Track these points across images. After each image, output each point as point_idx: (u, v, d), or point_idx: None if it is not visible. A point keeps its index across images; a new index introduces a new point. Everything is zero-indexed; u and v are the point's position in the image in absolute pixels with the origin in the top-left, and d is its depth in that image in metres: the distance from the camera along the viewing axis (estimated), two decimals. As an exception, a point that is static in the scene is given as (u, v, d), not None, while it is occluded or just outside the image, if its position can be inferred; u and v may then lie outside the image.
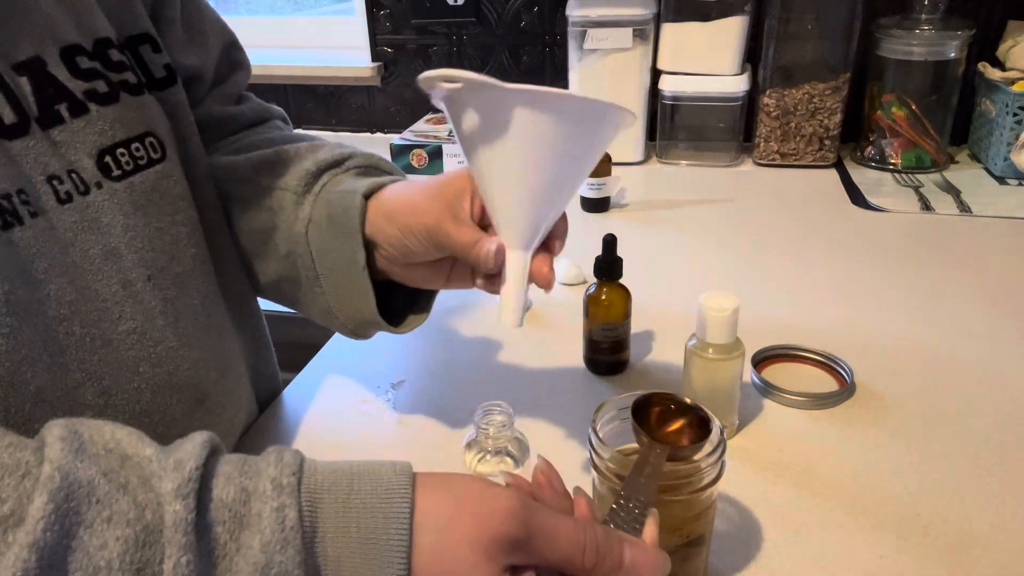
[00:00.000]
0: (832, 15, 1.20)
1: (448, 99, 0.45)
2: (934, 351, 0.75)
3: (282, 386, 0.77)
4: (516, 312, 0.49)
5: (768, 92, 1.25)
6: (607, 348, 0.73)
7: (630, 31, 1.24)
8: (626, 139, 1.31)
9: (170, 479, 0.34)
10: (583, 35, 1.26)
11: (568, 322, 0.65)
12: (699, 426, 0.47)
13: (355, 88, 1.58)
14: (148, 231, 0.54)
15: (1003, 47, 1.22)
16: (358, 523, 0.36)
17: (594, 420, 0.47)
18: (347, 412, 0.71)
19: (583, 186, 1.10)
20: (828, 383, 0.71)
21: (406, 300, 0.63)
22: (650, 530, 0.41)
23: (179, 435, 0.37)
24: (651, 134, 1.36)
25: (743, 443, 0.63)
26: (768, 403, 0.68)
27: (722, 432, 0.46)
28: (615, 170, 1.12)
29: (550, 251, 0.51)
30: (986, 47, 1.26)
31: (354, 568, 0.35)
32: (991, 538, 0.53)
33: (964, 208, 1.09)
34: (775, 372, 0.72)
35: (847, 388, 0.69)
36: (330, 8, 1.82)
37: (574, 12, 1.25)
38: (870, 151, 1.27)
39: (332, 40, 1.64)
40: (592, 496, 0.50)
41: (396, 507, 0.36)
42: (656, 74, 1.30)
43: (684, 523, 0.46)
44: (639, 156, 1.34)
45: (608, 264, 0.70)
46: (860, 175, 1.23)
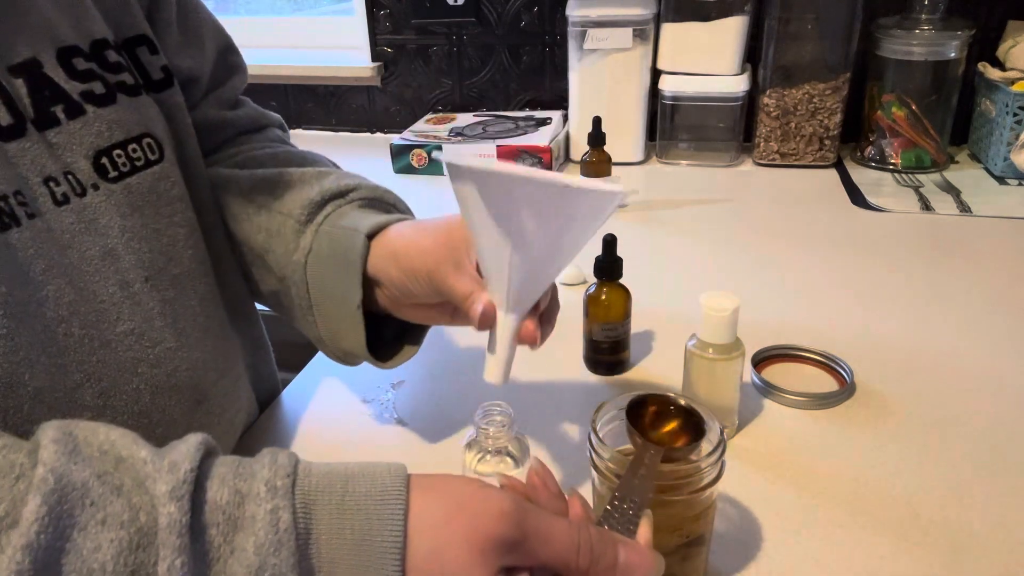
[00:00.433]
0: (832, 15, 1.20)
1: (446, 164, 0.44)
2: (934, 351, 0.75)
3: (281, 386, 0.77)
4: (500, 371, 0.49)
5: (768, 92, 1.25)
6: (607, 348, 0.73)
7: (630, 31, 1.24)
8: (626, 139, 1.31)
9: (164, 481, 0.34)
10: (583, 35, 1.26)
11: (568, 322, 0.64)
12: (694, 427, 0.47)
13: (355, 88, 1.58)
14: (146, 232, 0.54)
15: (1003, 47, 1.22)
16: (352, 525, 0.36)
17: (594, 420, 0.47)
18: (347, 412, 0.71)
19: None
20: (828, 383, 0.71)
21: (398, 331, 0.63)
22: (644, 531, 0.41)
23: (179, 436, 0.37)
24: (651, 134, 1.36)
25: (743, 443, 0.63)
26: (768, 403, 0.68)
27: (722, 432, 0.46)
28: (615, 170, 1.12)
29: (537, 309, 0.51)
30: (986, 47, 1.26)
31: (348, 570, 0.35)
32: (991, 538, 0.53)
33: (964, 208, 1.09)
34: (775, 372, 0.72)
35: (847, 388, 0.69)
36: (330, 8, 1.82)
37: (574, 12, 1.25)
38: (870, 151, 1.27)
39: (332, 40, 1.64)
40: (592, 496, 0.50)
41: (390, 509, 0.36)
42: (656, 74, 1.30)
43: (684, 523, 0.46)
44: (639, 156, 1.33)
45: (608, 264, 0.70)
46: (860, 175, 1.23)
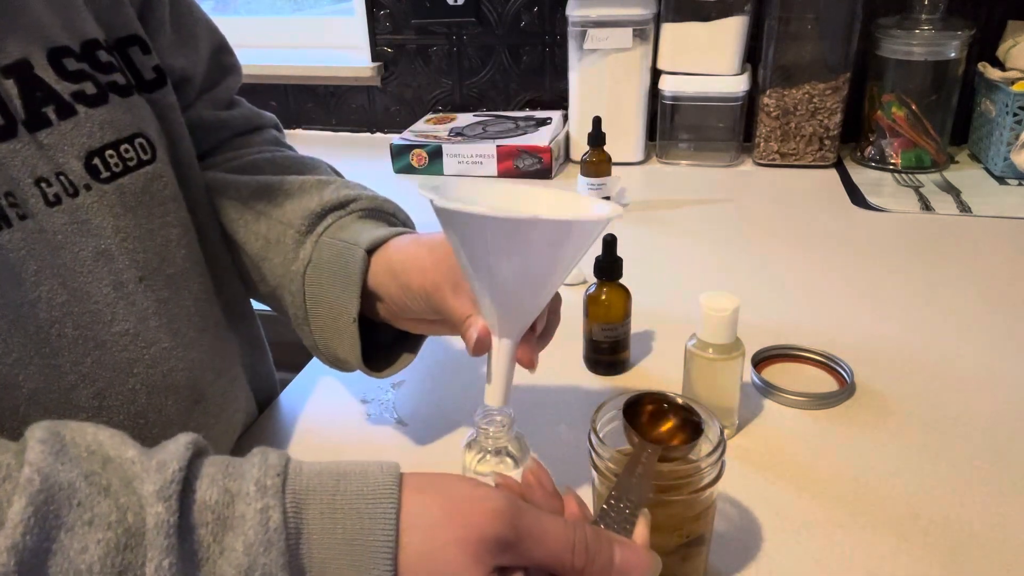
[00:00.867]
0: (832, 15, 1.20)
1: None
2: (934, 351, 0.75)
3: (279, 386, 0.77)
4: (500, 395, 0.50)
5: (768, 92, 1.25)
6: (607, 348, 0.73)
7: (630, 31, 1.24)
8: (626, 139, 1.31)
9: (152, 481, 0.33)
10: (583, 35, 1.26)
11: (568, 322, 0.64)
12: (692, 426, 0.47)
13: (355, 88, 1.58)
14: (139, 232, 0.54)
15: (1003, 47, 1.22)
16: (344, 524, 0.35)
17: (594, 420, 0.47)
18: (346, 413, 0.71)
19: (583, 187, 1.10)
20: (828, 383, 0.71)
21: (395, 335, 0.62)
22: (641, 530, 0.40)
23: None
24: (651, 134, 1.36)
25: (743, 443, 0.63)
26: (768, 403, 0.68)
27: (722, 432, 0.46)
28: (615, 170, 1.12)
29: (534, 331, 0.51)
30: (986, 47, 1.26)
31: (340, 570, 0.35)
32: (991, 538, 0.53)
33: (964, 208, 1.09)
34: (775, 372, 0.72)
35: (847, 388, 0.69)
36: (330, 8, 1.82)
37: (574, 12, 1.25)
38: (870, 151, 1.27)
39: (332, 40, 1.64)
40: (592, 496, 0.50)
41: (382, 508, 0.36)
42: (656, 74, 1.30)
43: (684, 523, 0.46)
44: (639, 156, 1.33)
45: (608, 264, 0.70)
46: (860, 175, 1.23)
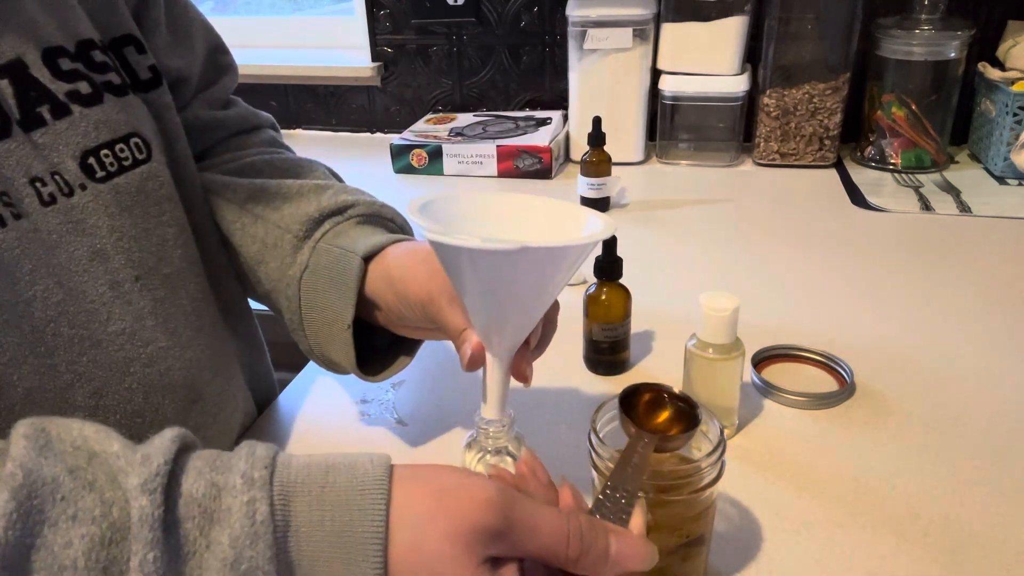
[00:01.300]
0: (832, 15, 1.20)
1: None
2: (934, 351, 0.75)
3: (278, 386, 0.77)
4: (496, 408, 0.51)
5: (768, 92, 1.25)
6: (607, 348, 0.73)
7: (630, 31, 1.24)
8: (626, 139, 1.31)
9: (137, 474, 0.33)
10: (583, 35, 1.26)
11: (568, 322, 0.65)
12: (689, 417, 0.46)
13: (355, 88, 1.58)
14: (135, 232, 0.54)
15: (1003, 47, 1.22)
16: (333, 516, 0.35)
17: (594, 420, 0.47)
18: (346, 413, 0.71)
19: (584, 187, 1.10)
20: (828, 383, 0.71)
21: (391, 338, 0.62)
22: (637, 520, 0.40)
23: None
24: (651, 134, 1.36)
25: (743, 443, 0.63)
26: (768, 403, 0.68)
27: (722, 432, 0.46)
28: (615, 170, 1.12)
29: (528, 346, 0.51)
30: (986, 47, 1.26)
31: (329, 563, 0.34)
32: (991, 538, 0.53)
33: (964, 208, 1.09)
34: (775, 372, 0.72)
35: (847, 388, 0.69)
36: (330, 8, 1.82)
37: (574, 12, 1.25)
38: (870, 151, 1.27)
39: (332, 40, 1.64)
40: (591, 494, 0.50)
41: (371, 499, 0.35)
42: (656, 74, 1.30)
43: (684, 523, 0.46)
44: (639, 156, 1.33)
45: (608, 264, 0.70)
46: (860, 175, 1.23)
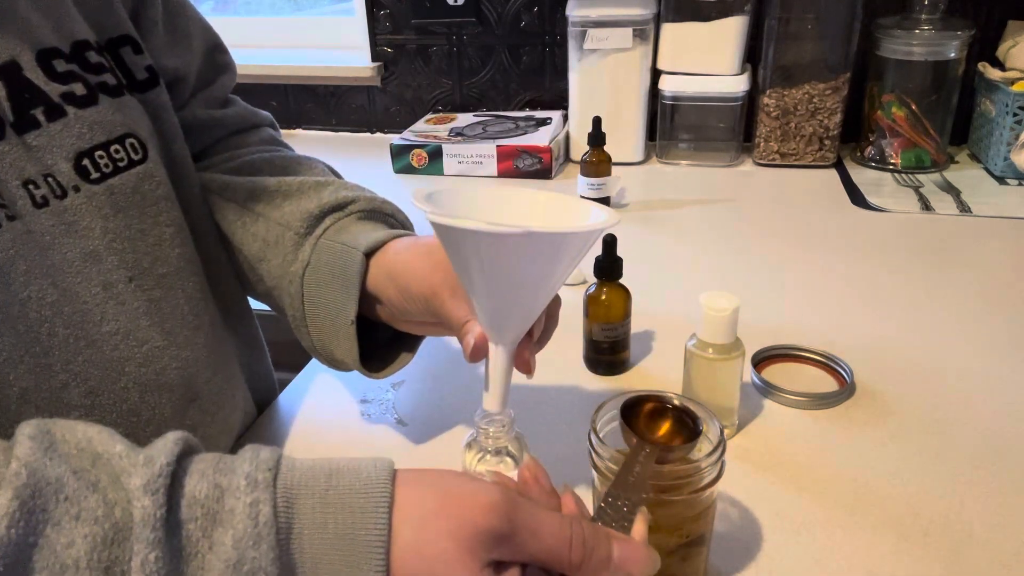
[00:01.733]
0: (832, 15, 1.20)
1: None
2: (934, 351, 0.75)
3: (278, 386, 0.77)
4: (497, 401, 0.50)
5: (768, 92, 1.25)
6: (607, 348, 0.73)
7: (630, 31, 1.24)
8: (626, 139, 1.31)
9: (139, 475, 0.33)
10: (583, 35, 1.26)
11: (568, 322, 0.65)
12: (690, 426, 0.47)
13: (355, 88, 1.58)
14: (130, 233, 0.54)
15: (1003, 47, 1.22)
16: (336, 519, 0.35)
17: (594, 420, 0.47)
18: (346, 413, 0.71)
19: (583, 187, 1.10)
20: (828, 383, 0.71)
21: (393, 334, 0.62)
22: (639, 528, 0.40)
23: None
24: (651, 134, 1.36)
25: (743, 443, 0.63)
26: (768, 403, 0.68)
27: (722, 432, 0.46)
28: (615, 170, 1.12)
29: (531, 337, 0.51)
30: (986, 47, 1.26)
31: (332, 565, 0.34)
32: (991, 538, 0.53)
33: (964, 208, 1.09)
34: (775, 372, 0.72)
35: (847, 388, 0.69)
36: (330, 8, 1.82)
37: (574, 12, 1.25)
38: (870, 151, 1.27)
39: (332, 40, 1.64)
40: (592, 496, 0.50)
41: (374, 502, 0.35)
42: (656, 74, 1.30)
43: (684, 523, 0.46)
44: (639, 156, 1.33)
45: (608, 264, 0.70)
46: (860, 175, 1.23)
